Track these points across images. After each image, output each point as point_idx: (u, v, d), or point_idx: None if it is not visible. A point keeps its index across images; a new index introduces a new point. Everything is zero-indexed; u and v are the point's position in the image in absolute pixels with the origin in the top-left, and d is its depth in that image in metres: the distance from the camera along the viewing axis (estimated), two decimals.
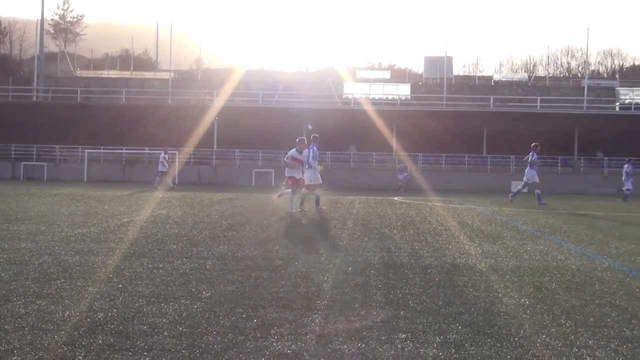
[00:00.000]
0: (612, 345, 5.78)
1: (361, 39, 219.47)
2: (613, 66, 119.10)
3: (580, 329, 6.34)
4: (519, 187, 29.11)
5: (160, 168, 40.41)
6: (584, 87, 70.08)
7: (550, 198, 36.13)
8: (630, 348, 5.70)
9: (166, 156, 40.70)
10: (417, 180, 48.65)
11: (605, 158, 57.26)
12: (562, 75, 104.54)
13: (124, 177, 55.86)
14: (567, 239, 14.81)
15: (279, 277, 8.80)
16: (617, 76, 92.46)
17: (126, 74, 78.31)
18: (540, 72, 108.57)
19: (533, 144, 28.18)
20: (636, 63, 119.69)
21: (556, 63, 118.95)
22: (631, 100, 65.87)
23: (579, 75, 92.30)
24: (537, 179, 27.78)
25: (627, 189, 36.86)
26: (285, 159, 22.00)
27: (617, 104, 65.57)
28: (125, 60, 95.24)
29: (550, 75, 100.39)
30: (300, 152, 21.68)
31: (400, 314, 6.83)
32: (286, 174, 21.99)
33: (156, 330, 5.95)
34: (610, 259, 11.43)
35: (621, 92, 69.76)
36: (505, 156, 57.49)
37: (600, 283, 8.95)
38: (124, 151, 57.12)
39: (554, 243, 13.73)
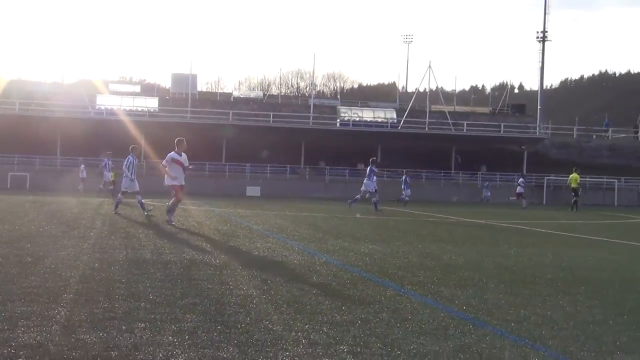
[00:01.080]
0: (325, 329, 6.09)
1: (115, 54, 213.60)
2: (335, 87, 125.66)
3: (298, 316, 6.61)
4: (358, 196, 30.20)
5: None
6: (310, 105, 73.16)
7: (280, 203, 37.33)
8: (340, 331, 6.07)
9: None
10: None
11: (327, 167, 60.07)
12: (292, 94, 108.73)
13: None
14: (291, 237, 15.40)
15: (29, 273, 8.48)
16: (338, 96, 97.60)
17: None
18: (274, 90, 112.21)
19: (372, 158, 30.46)
20: (354, 86, 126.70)
21: (287, 83, 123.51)
22: (350, 118, 69.81)
23: (307, 95, 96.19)
24: (372, 189, 29.10)
25: (407, 196, 39.16)
26: (164, 162, 18.45)
27: (338, 120, 69.17)
28: None
29: (282, 94, 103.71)
30: (180, 154, 18.38)
31: (141, 305, 6.81)
32: (167, 183, 18.43)
33: None
34: (327, 254, 12.06)
35: (342, 110, 73.73)
36: (242, 164, 58.64)
37: (318, 275, 9.42)
38: None
39: (280, 241, 14.28)
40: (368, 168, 29.81)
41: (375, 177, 29.46)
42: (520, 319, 6.82)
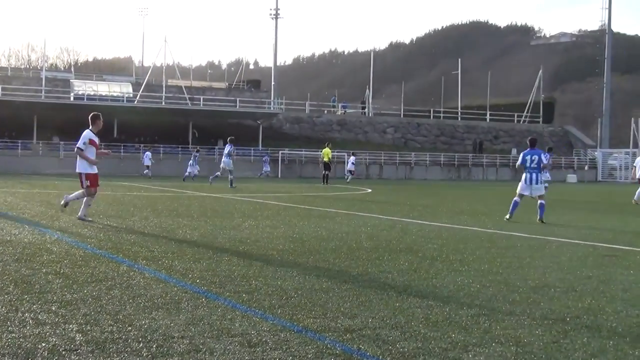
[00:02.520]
0: (54, 308, 5.86)
1: None
2: (69, 61, 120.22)
3: (26, 296, 6.32)
4: (217, 172, 33.35)
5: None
6: (42, 78, 69.45)
7: (12, 179, 35.21)
8: (70, 309, 5.84)
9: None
10: None
11: (62, 142, 57.48)
12: (23, 67, 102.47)
13: None
14: (22, 215, 14.65)
15: None
16: (72, 70, 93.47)
17: None
18: (2, 63, 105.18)
19: (230, 137, 32.51)
20: (89, 59, 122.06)
21: (18, 55, 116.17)
22: (84, 92, 67.18)
23: (39, 68, 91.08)
24: (231, 166, 31.97)
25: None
26: (80, 145, 14.12)
27: (72, 94, 66.32)
28: None
29: (12, 66, 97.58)
30: (96, 133, 14.44)
31: None
32: (81, 170, 14.24)
33: None
34: (59, 232, 11.61)
35: (75, 84, 70.73)
36: None
37: (49, 254, 9.03)
38: None
39: (9, 219, 13.50)
40: (226, 146, 32.22)
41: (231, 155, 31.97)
42: (252, 290, 6.99)
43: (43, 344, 4.79)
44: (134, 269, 8.07)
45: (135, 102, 65.26)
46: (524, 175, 17.07)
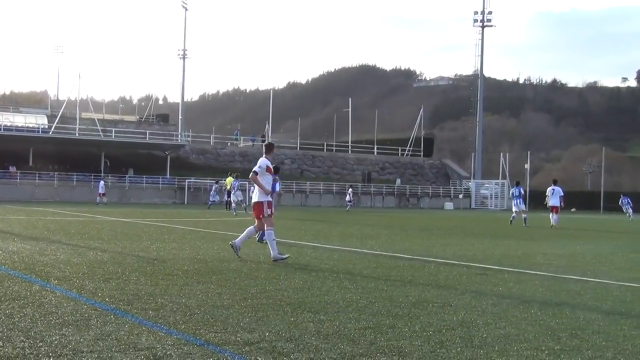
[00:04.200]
0: None
1: None
2: None
3: None
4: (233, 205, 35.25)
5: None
6: None
7: None
8: None
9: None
10: None
11: None
12: None
13: None
14: None
15: None
16: None
17: None
18: None
19: (236, 174, 35.12)
20: (6, 92, 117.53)
21: None
22: (1, 122, 64.40)
23: None
24: (240, 197, 35.78)
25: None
26: (256, 169, 12.00)
27: None
28: None
29: None
30: (271, 161, 12.40)
31: None
32: (261, 199, 12.23)
33: None
34: None
35: None
36: None
37: None
38: None
39: None
40: (234, 182, 35.59)
41: None
42: (158, 307, 6.87)
43: None
44: (46, 289, 7.80)
45: (50, 133, 63.12)
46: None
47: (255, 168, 11.97)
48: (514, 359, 5.28)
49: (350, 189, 53.95)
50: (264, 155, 12.24)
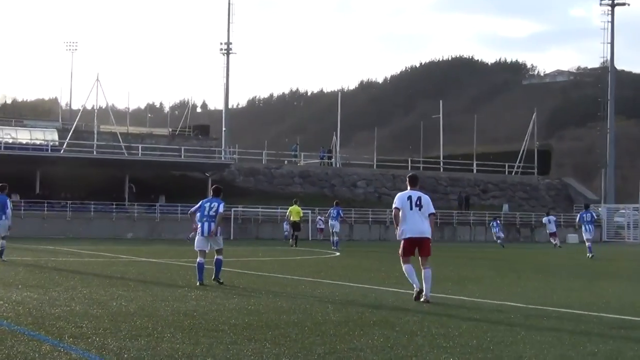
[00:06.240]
0: None
1: None
2: None
3: None
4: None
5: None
6: None
7: None
8: None
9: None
10: None
11: None
12: None
13: None
14: None
15: None
16: None
17: None
18: None
19: (336, 201, 39.77)
20: (7, 101, 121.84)
21: None
22: (1, 139, 66.54)
23: None
24: (338, 229, 39.07)
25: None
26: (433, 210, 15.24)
27: None
28: None
29: None
30: None
31: None
32: (430, 235, 14.57)
33: None
34: None
35: None
36: None
37: None
38: None
39: None
40: (334, 210, 39.41)
41: None
42: None
43: None
44: (58, 349, 7.98)
45: (62, 152, 64.87)
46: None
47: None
48: None
49: (496, 220, 53.99)
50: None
